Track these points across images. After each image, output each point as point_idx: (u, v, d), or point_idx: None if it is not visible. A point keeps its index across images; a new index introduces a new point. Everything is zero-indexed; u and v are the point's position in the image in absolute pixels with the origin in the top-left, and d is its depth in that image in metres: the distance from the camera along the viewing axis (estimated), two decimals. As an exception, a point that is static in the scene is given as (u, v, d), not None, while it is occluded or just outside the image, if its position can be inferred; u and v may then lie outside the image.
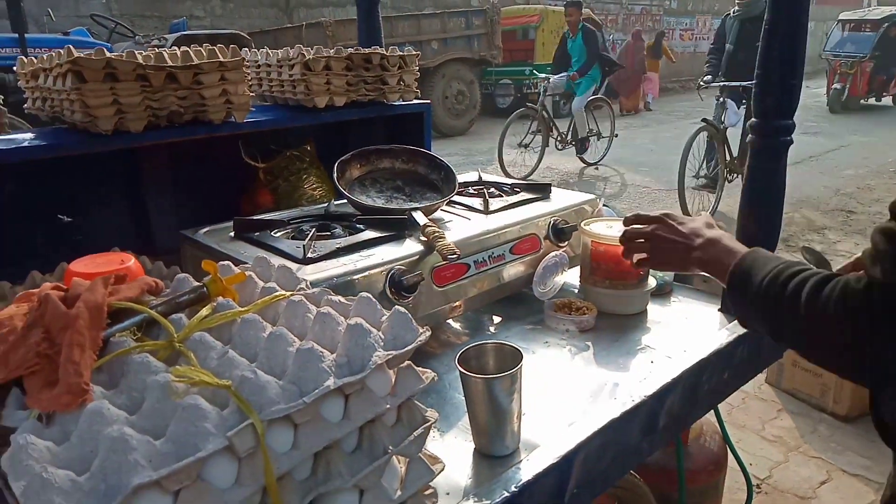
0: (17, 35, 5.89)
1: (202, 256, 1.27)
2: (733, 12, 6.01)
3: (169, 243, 1.68)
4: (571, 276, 1.56)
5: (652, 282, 1.49)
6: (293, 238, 1.28)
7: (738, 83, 5.58)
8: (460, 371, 0.94)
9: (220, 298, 0.81)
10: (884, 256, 0.68)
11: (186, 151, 1.62)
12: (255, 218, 1.37)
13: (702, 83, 6.03)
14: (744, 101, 5.76)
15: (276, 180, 1.80)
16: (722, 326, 1.39)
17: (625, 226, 1.16)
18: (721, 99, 5.86)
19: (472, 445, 1.00)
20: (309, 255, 1.14)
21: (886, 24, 13.65)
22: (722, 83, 5.81)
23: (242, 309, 0.77)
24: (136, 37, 7.74)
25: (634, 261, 1.15)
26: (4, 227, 1.47)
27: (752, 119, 1.35)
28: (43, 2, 8.91)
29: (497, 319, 1.48)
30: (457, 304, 1.31)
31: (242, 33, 8.45)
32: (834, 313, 0.73)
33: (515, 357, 0.96)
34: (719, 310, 1.49)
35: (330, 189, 1.82)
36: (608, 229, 1.44)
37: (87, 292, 0.69)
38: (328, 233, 1.31)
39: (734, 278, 0.91)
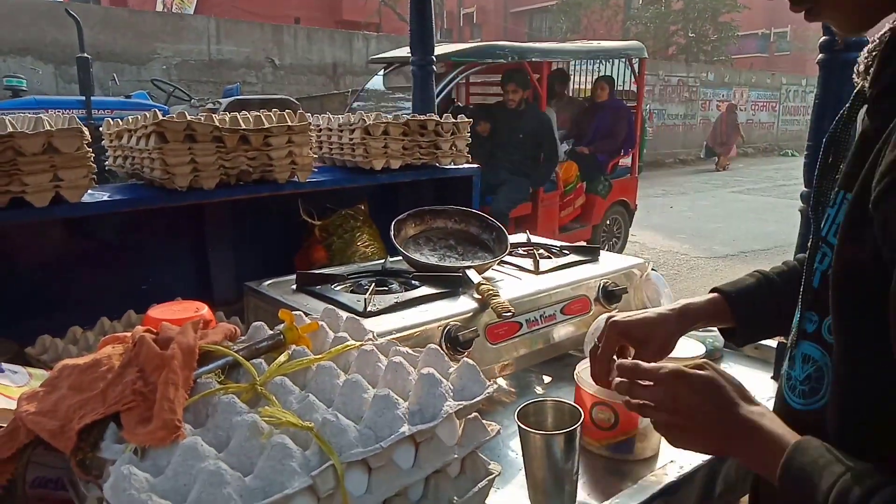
0: (83, 98, 6.29)
1: (266, 307, 1.32)
2: None
3: (226, 294, 1.76)
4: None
5: (701, 348, 1.49)
6: (352, 292, 1.33)
7: None
8: (519, 427, 0.95)
9: (295, 346, 0.85)
10: None
11: (248, 208, 1.71)
12: (316, 272, 1.43)
13: None
14: None
15: (330, 237, 1.87)
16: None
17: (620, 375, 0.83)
18: None
19: (528, 503, 1.00)
20: (369, 308, 1.18)
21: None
22: None
23: (318, 356, 0.81)
24: (192, 100, 8.18)
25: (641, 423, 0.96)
26: (78, 274, 1.56)
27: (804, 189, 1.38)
28: (109, 67, 9.51)
29: (547, 379, 1.49)
30: (508, 361, 1.33)
31: (292, 98, 8.84)
32: None
33: (574, 415, 0.97)
34: (772, 377, 1.47)
35: (381, 247, 1.88)
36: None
37: (179, 335, 0.74)
38: (385, 288, 1.35)
39: (788, 484, 0.66)
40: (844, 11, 0.67)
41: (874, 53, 0.67)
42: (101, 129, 1.66)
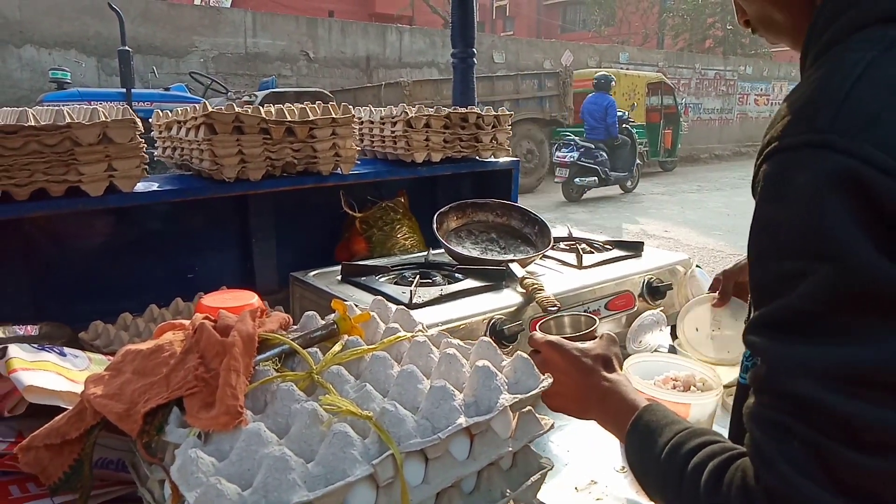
0: (124, 90, 6.43)
1: (312, 297, 1.34)
2: None
3: (269, 283, 1.78)
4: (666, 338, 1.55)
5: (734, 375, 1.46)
6: (396, 283, 1.33)
7: None
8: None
9: (348, 336, 0.86)
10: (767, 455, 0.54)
11: (290, 199, 1.72)
12: (360, 263, 1.44)
13: None
14: None
15: (370, 229, 1.88)
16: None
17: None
18: None
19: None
20: (414, 300, 1.19)
21: None
22: None
23: (372, 346, 0.81)
24: (228, 93, 8.29)
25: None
26: (127, 262, 1.59)
27: None
28: (148, 60, 9.71)
29: (588, 375, 1.48)
30: (552, 356, 1.32)
31: (325, 91, 8.91)
32: None
33: (590, 323, 1.02)
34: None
35: (421, 240, 1.88)
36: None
37: (239, 323, 0.75)
38: (429, 280, 1.36)
39: (634, 437, 0.75)
40: (775, 33, 0.71)
41: None
42: (150, 120, 1.69)
